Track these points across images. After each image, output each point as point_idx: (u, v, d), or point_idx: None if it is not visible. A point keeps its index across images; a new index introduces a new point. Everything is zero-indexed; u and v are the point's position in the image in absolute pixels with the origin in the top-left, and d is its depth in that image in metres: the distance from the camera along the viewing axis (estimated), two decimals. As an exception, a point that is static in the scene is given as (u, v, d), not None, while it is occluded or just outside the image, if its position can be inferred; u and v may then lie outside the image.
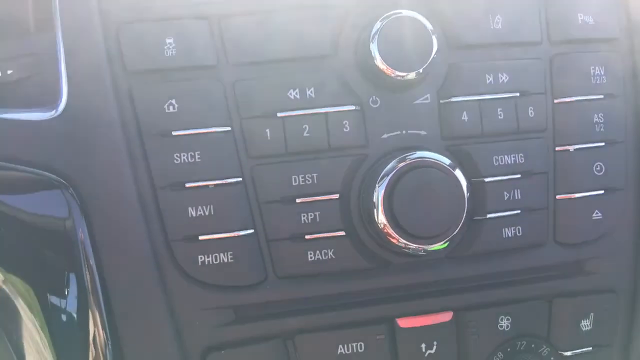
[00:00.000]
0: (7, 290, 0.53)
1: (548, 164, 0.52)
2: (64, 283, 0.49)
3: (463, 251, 0.51)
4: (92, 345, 0.48)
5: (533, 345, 0.53)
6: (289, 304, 0.50)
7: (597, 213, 0.53)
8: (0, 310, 0.53)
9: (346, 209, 0.49)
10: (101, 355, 0.48)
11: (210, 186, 0.48)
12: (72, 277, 0.49)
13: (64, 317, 0.50)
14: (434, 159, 0.48)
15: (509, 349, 0.52)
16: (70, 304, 0.49)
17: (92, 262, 0.47)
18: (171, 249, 0.48)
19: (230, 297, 0.48)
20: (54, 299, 0.50)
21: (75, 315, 0.49)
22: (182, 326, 0.48)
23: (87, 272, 0.48)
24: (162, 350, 0.48)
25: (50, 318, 0.50)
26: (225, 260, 0.48)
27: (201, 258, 0.48)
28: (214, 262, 0.48)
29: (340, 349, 0.49)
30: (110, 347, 0.48)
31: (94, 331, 0.48)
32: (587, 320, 0.53)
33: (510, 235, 0.51)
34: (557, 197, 0.53)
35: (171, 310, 0.48)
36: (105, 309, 0.48)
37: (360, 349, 0.49)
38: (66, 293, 0.49)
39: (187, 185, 0.47)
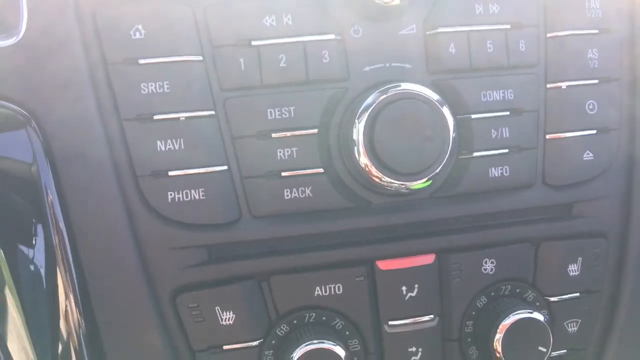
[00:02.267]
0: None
1: (539, 101, 0.50)
2: (28, 227, 0.47)
3: (447, 191, 0.49)
4: (61, 290, 0.46)
5: (518, 290, 0.51)
6: (264, 244, 0.47)
7: (588, 154, 0.51)
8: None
9: (325, 145, 0.47)
10: (70, 297, 0.46)
11: (180, 119, 0.45)
12: (38, 219, 0.46)
13: (28, 270, 0.47)
14: (419, 92, 0.45)
15: (492, 293, 0.50)
16: (35, 255, 0.47)
17: (56, 201, 0.45)
18: (139, 185, 0.45)
19: (202, 236, 0.46)
20: (19, 244, 0.48)
21: (39, 267, 0.46)
22: (152, 266, 0.46)
23: (52, 213, 0.45)
24: (131, 292, 0.46)
25: (16, 265, 0.47)
26: (197, 197, 0.45)
27: (171, 195, 0.45)
28: (185, 199, 0.45)
29: (318, 291, 0.47)
30: (78, 290, 0.45)
31: (62, 275, 0.45)
32: (575, 265, 0.51)
33: (497, 175, 0.49)
34: (547, 136, 0.50)
35: (140, 249, 0.45)
36: (72, 251, 0.45)
37: (339, 290, 0.47)
38: (29, 244, 0.47)
39: (156, 117, 0.45)
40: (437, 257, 0.49)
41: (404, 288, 0.48)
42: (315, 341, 0.45)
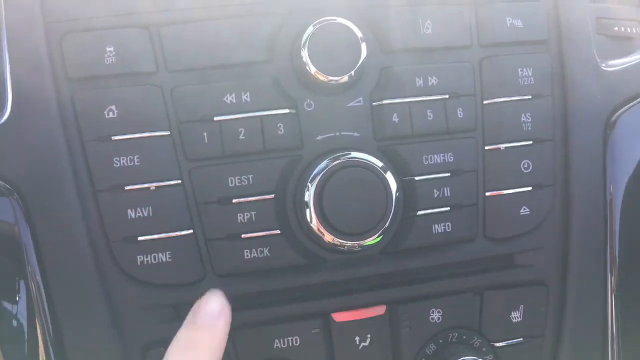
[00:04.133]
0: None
1: (477, 162, 0.55)
2: (7, 290, 0.51)
3: (395, 247, 0.53)
4: (40, 346, 0.50)
5: (465, 337, 0.55)
6: (227, 301, 0.51)
7: (524, 208, 0.55)
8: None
9: (281, 209, 0.51)
10: (50, 353, 0.50)
11: (149, 188, 0.50)
12: (16, 283, 0.50)
13: (10, 323, 0.51)
14: (364, 159, 0.50)
15: (441, 341, 0.54)
16: (16, 310, 0.51)
17: (35, 265, 0.49)
18: (111, 250, 0.50)
19: (170, 296, 0.50)
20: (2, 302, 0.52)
21: (21, 320, 0.51)
22: (123, 324, 0.50)
23: (31, 277, 0.49)
24: (104, 348, 0.50)
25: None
26: (164, 259, 0.50)
27: (140, 258, 0.49)
28: (153, 261, 0.49)
29: (277, 343, 0.51)
30: (54, 346, 0.50)
31: (41, 331, 0.49)
32: (517, 312, 0.56)
33: (440, 230, 0.53)
34: (487, 194, 0.55)
35: (112, 309, 0.50)
36: (49, 310, 0.49)
37: (296, 342, 0.52)
38: (11, 299, 0.51)
39: (127, 188, 0.49)
40: (387, 308, 0.53)
41: (357, 338, 0.53)
42: (274, 391, 0.49)
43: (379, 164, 0.51)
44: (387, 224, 0.50)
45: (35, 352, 0.50)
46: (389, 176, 0.51)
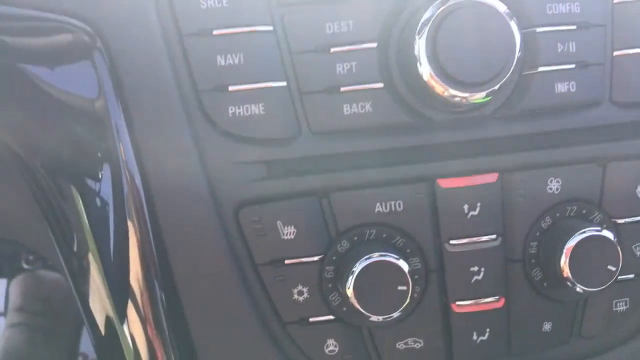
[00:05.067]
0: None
1: (606, 16, 0.48)
2: (100, 152, 0.48)
3: (511, 108, 0.47)
4: (129, 206, 0.46)
5: (584, 211, 0.49)
6: (324, 161, 0.47)
7: (659, 70, 0.49)
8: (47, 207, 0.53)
9: (384, 59, 0.46)
10: (137, 207, 0.46)
11: (238, 33, 0.45)
12: (108, 143, 0.47)
13: (99, 191, 0.48)
14: (484, 2, 0.44)
15: (557, 214, 0.49)
16: (103, 168, 0.47)
17: (121, 116, 0.46)
18: (201, 100, 0.45)
19: (263, 151, 0.46)
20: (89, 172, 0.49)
21: (110, 183, 0.47)
22: (215, 181, 0.46)
23: (116, 130, 0.46)
24: (196, 206, 0.46)
25: (88, 196, 0.48)
26: (257, 112, 0.45)
27: (231, 109, 0.45)
28: (245, 113, 0.45)
29: (378, 207, 0.47)
30: (145, 205, 0.46)
31: (130, 195, 0.46)
32: (645, 186, 0.50)
33: (563, 90, 0.47)
34: (615, 53, 0.48)
35: (203, 164, 0.46)
36: (139, 167, 0.46)
37: (399, 207, 0.47)
38: (104, 164, 0.47)
39: (215, 32, 0.45)
40: (500, 176, 0.48)
41: (465, 206, 0.47)
42: (376, 254, 0.45)
43: (503, 7, 0.44)
44: (509, 73, 0.44)
45: (124, 219, 0.47)
46: (513, 25, 0.44)
